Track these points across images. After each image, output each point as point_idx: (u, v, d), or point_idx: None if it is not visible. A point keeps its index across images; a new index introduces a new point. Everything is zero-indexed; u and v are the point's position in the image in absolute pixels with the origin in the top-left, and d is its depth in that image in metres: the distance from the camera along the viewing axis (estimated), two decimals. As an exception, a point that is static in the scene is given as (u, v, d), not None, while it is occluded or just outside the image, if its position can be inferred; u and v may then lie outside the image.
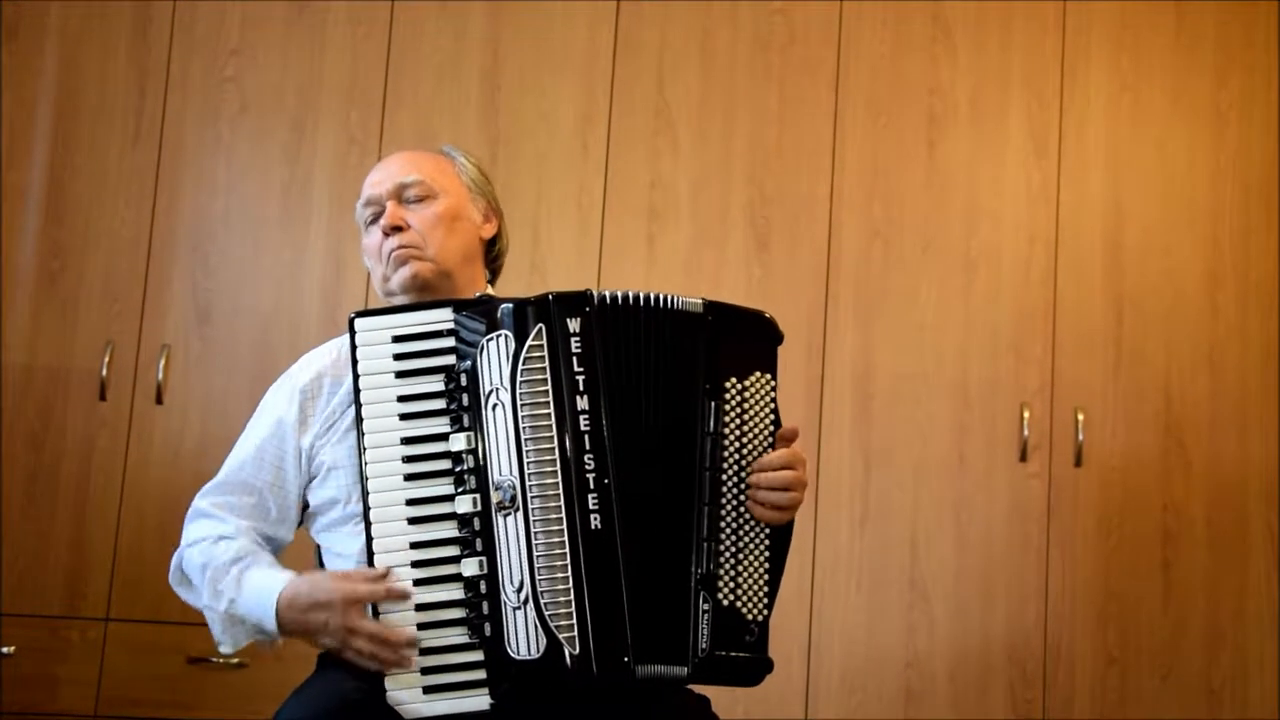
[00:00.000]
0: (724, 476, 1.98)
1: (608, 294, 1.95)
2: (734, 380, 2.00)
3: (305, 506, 2.13)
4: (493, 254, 2.27)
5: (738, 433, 1.99)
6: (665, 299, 1.98)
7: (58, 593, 3.42)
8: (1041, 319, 3.65)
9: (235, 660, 3.37)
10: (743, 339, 2.03)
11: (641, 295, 1.96)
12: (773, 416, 2.03)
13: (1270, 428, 3.65)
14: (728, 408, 1.99)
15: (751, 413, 2.00)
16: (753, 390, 2.01)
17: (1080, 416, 3.60)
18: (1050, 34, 3.74)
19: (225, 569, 2.00)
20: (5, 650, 3.35)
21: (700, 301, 2.00)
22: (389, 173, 2.21)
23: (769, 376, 2.03)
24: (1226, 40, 3.77)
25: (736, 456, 1.99)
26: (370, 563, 1.91)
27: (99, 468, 3.46)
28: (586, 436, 1.89)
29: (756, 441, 2.00)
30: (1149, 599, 3.59)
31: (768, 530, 2.00)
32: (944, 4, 3.73)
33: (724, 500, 1.97)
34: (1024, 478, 3.59)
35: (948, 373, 3.62)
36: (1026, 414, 3.59)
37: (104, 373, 3.47)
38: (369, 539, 1.92)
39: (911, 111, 3.71)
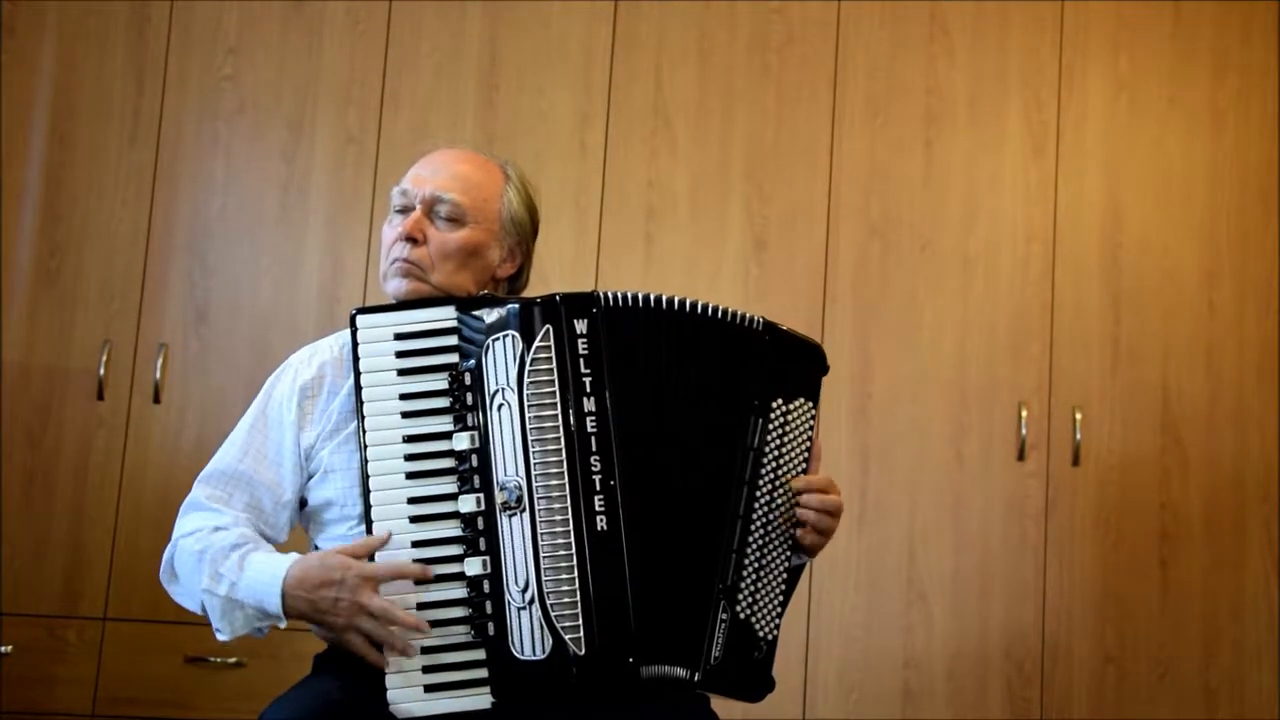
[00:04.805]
0: (759, 493, 1.99)
1: (615, 295, 1.94)
2: (780, 401, 2.01)
3: (303, 504, 2.11)
4: (510, 290, 2.19)
5: (776, 453, 2.00)
6: (685, 304, 1.97)
7: (55, 592, 3.42)
8: (1039, 318, 3.65)
9: (233, 659, 3.38)
10: (794, 364, 2.04)
11: (648, 296, 1.96)
12: (809, 444, 2.04)
13: (1268, 426, 3.66)
14: (771, 427, 2.00)
15: (791, 436, 2.02)
16: (796, 414, 2.03)
17: (1078, 415, 3.60)
18: (1048, 33, 3.74)
19: (225, 553, 1.97)
20: (3, 649, 3.35)
21: (760, 320, 2.02)
22: (435, 174, 2.12)
23: (812, 404, 2.05)
24: (1224, 39, 3.77)
25: (772, 475, 2.00)
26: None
27: (96, 467, 3.46)
28: (593, 438, 1.89)
29: (792, 465, 2.02)
30: (1147, 598, 3.59)
31: (789, 551, 2.03)
32: (942, 3, 3.73)
33: (755, 516, 1.98)
34: (1022, 477, 3.60)
35: (945, 372, 3.63)
36: (1024, 413, 3.60)
37: (101, 372, 3.47)
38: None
39: (909, 111, 3.71)
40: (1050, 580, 3.57)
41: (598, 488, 1.88)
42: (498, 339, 1.92)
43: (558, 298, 1.92)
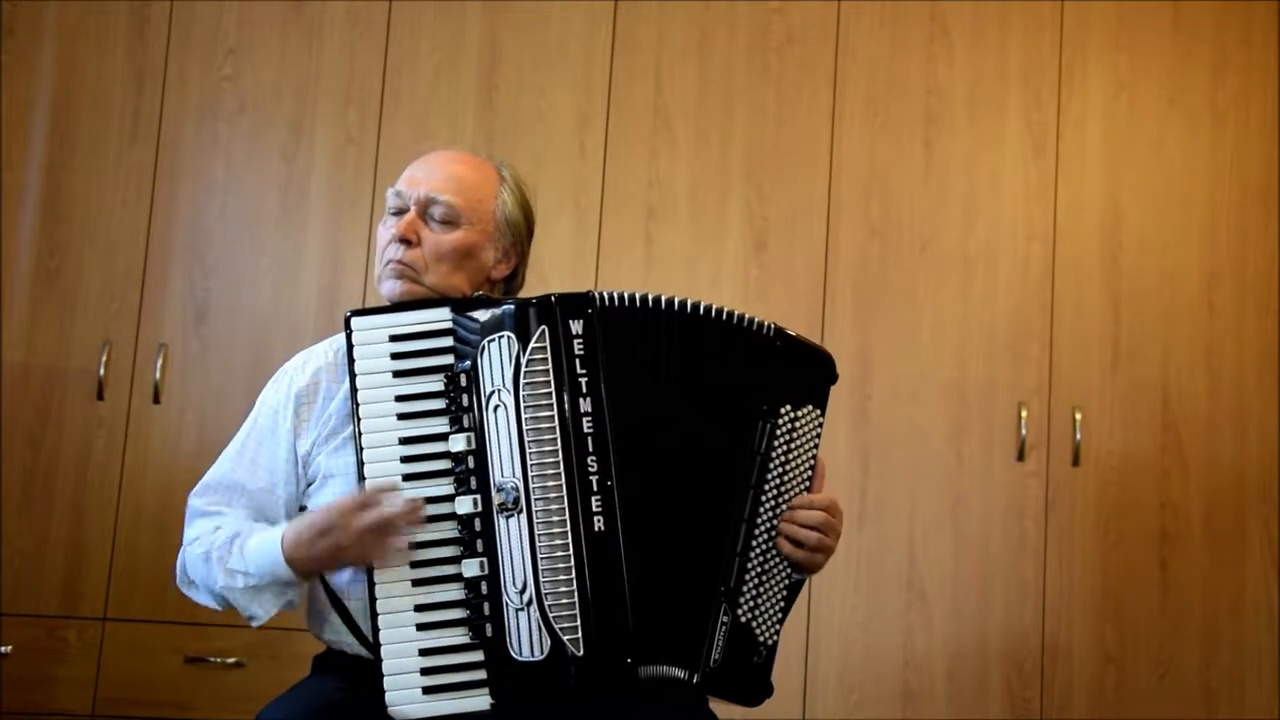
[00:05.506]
0: (764, 497, 1.98)
1: (611, 295, 1.94)
2: (789, 408, 2.00)
3: (302, 508, 2.11)
4: (506, 291, 2.20)
5: (783, 459, 2.00)
6: (685, 304, 1.96)
7: (55, 592, 3.42)
8: (1039, 318, 3.65)
9: (233, 659, 3.38)
10: (804, 371, 2.04)
11: (645, 296, 1.95)
12: (815, 452, 2.04)
13: (1268, 426, 3.65)
14: (779, 433, 1.99)
15: (798, 443, 2.01)
16: (803, 421, 2.02)
17: (1078, 416, 3.60)
18: (1048, 33, 3.74)
19: (228, 549, 1.99)
20: (3, 650, 3.35)
21: (771, 325, 2.01)
22: (429, 176, 2.12)
23: (819, 413, 2.04)
24: (1224, 39, 3.77)
25: (778, 481, 2.00)
26: (369, 564, 1.91)
27: (96, 467, 3.46)
28: (590, 439, 1.89)
29: (798, 472, 2.02)
30: (1146, 598, 3.59)
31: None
32: (942, 3, 3.73)
33: (759, 521, 1.98)
34: (1021, 477, 3.60)
35: (945, 372, 3.63)
36: (1024, 413, 3.60)
37: (101, 372, 3.47)
38: (368, 539, 1.92)
39: (909, 111, 3.71)
40: (1050, 580, 3.57)
41: (595, 488, 1.88)
42: (493, 340, 1.91)
43: (553, 298, 1.91)
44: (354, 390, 1.95)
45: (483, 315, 1.94)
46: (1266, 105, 3.77)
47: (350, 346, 1.96)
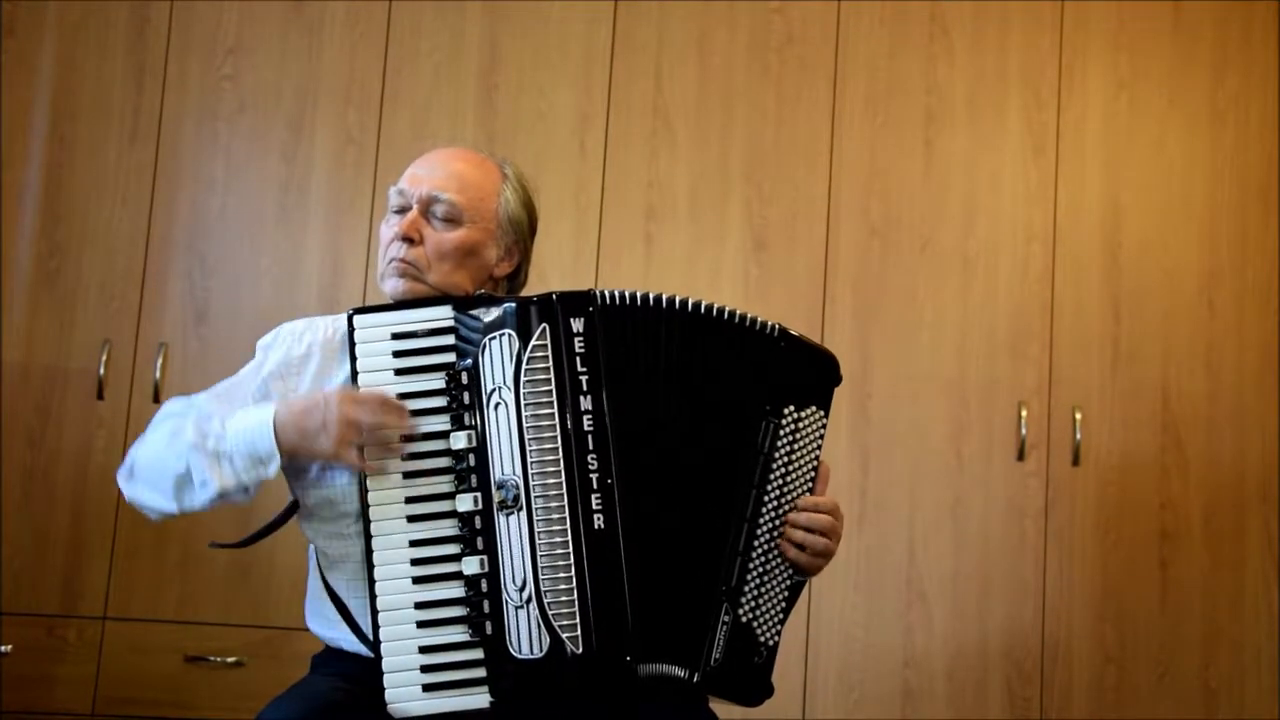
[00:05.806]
0: (766, 498, 1.98)
1: (612, 294, 1.94)
2: (793, 408, 2.00)
3: (298, 506, 2.10)
4: (509, 288, 2.20)
5: (786, 459, 2.00)
6: (687, 304, 1.96)
7: (55, 592, 3.42)
8: (1039, 318, 3.65)
9: (233, 659, 3.37)
10: (808, 372, 2.04)
11: (646, 295, 1.95)
12: (818, 453, 2.04)
13: (1268, 426, 3.65)
14: (782, 433, 1.99)
15: (801, 444, 2.01)
16: (807, 422, 2.02)
17: (1078, 415, 3.60)
18: (1048, 33, 3.74)
19: (207, 418, 1.95)
20: (3, 649, 3.35)
21: (775, 325, 2.01)
22: (431, 174, 2.12)
23: (823, 414, 2.04)
24: (1224, 39, 3.77)
25: (781, 481, 2.00)
26: (369, 562, 1.91)
27: (96, 466, 3.46)
28: (590, 437, 1.89)
29: (801, 472, 2.02)
30: (1146, 598, 3.59)
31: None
32: (942, 3, 3.73)
33: (762, 520, 1.98)
34: (1021, 477, 3.60)
35: (945, 372, 3.63)
36: (1024, 413, 3.60)
37: (101, 371, 3.47)
38: (368, 537, 1.91)
39: (909, 110, 3.71)
40: (1050, 580, 3.57)
41: (595, 486, 1.88)
42: (494, 338, 1.91)
43: (554, 296, 1.91)
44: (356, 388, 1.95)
45: (484, 313, 1.94)
46: (1266, 105, 3.77)
47: (353, 344, 1.96)
